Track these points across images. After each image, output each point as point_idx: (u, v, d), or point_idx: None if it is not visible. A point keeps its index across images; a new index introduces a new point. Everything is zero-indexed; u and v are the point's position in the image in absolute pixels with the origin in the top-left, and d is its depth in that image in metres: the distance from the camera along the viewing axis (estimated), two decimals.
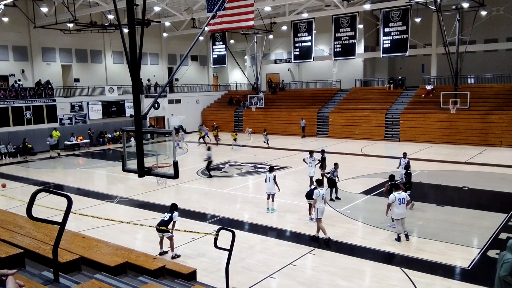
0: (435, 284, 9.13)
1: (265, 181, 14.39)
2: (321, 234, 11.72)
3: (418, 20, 31.93)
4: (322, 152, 17.89)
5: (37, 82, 31.34)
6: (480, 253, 10.55)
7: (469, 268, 9.78)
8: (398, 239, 11.50)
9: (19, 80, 30.57)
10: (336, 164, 15.40)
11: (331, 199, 15.22)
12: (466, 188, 17.14)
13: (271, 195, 14.29)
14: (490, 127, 28.06)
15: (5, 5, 25.06)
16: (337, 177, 15.45)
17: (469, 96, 28.63)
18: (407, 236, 11.57)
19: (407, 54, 30.41)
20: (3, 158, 26.20)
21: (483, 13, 29.69)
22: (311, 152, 17.28)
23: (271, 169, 14.88)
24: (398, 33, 29.70)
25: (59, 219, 4.95)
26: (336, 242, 11.64)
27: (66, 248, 6.56)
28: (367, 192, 16.64)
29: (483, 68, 34.05)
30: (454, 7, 28.61)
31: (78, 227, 12.04)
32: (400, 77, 36.34)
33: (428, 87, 32.31)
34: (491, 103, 29.63)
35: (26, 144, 27.01)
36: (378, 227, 12.45)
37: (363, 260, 10.44)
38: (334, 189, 15.46)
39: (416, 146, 27.78)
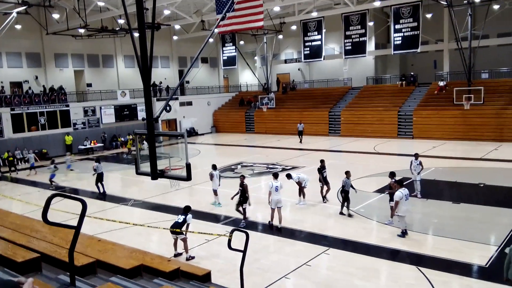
0: (452, 282, 9.01)
1: (212, 179, 15.45)
2: (275, 222, 12.82)
3: (429, 15, 31.56)
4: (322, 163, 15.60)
5: (50, 88, 31.74)
6: (498, 251, 10.38)
7: (487, 266, 9.64)
8: (402, 235, 11.54)
9: (29, 88, 30.97)
10: (347, 173, 13.76)
11: (350, 215, 13.58)
12: (482, 185, 16.89)
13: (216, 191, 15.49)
14: (506, 123, 27.60)
15: (17, 12, 25.41)
16: (352, 187, 13.68)
17: (483, 92, 28.23)
18: (406, 232, 11.62)
19: (418, 50, 30.06)
20: (20, 164, 26.52)
21: (496, 7, 29.25)
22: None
23: (215, 167, 15.83)
24: (409, 29, 29.38)
25: (74, 223, 4.98)
26: (351, 241, 11.57)
27: (82, 251, 6.62)
28: (381, 190, 16.48)
29: (497, 62, 33.49)
30: (465, 1, 28.24)
31: (93, 230, 12.12)
32: (412, 74, 35.98)
33: (441, 83, 31.93)
34: (506, 98, 29.14)
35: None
36: (393, 226, 12.33)
37: (378, 259, 10.35)
38: (347, 203, 13.65)
39: (430, 143, 27.47)
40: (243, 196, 13.36)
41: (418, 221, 12.85)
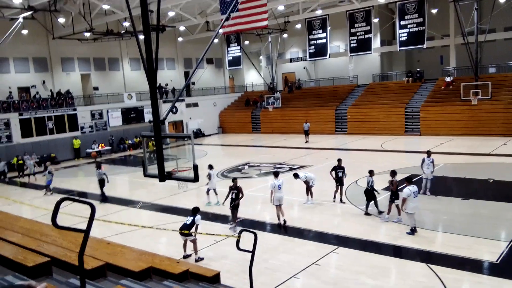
0: (463, 279, 8.95)
1: (210, 179, 15.60)
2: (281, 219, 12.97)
3: (434, 11, 31.34)
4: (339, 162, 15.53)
5: (57, 92, 31.97)
6: (509, 246, 10.29)
7: (498, 262, 9.56)
8: (412, 232, 11.46)
9: (37, 93, 31.24)
10: (371, 172, 13.66)
11: (367, 213, 13.40)
12: (491, 181, 16.76)
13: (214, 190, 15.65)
14: None
15: (23, 18, 25.58)
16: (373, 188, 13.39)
17: (490, 86, 28.00)
18: (415, 229, 11.52)
19: (424, 46, 29.87)
20: (28, 169, 26.69)
21: (502, 0, 28.97)
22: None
23: (211, 166, 16.05)
24: (415, 25, 29.20)
25: (83, 226, 5.01)
26: (360, 240, 11.53)
27: (92, 254, 6.65)
28: (389, 188, 16.36)
29: (504, 57, 33.17)
30: None
31: (102, 234, 12.20)
32: (418, 70, 35.77)
33: (448, 79, 31.70)
34: None
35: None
36: (402, 224, 12.27)
37: (388, 257, 10.31)
38: (374, 201, 13.43)
39: (438, 140, 27.29)
40: (237, 199, 12.79)
41: (427, 218, 12.77)
